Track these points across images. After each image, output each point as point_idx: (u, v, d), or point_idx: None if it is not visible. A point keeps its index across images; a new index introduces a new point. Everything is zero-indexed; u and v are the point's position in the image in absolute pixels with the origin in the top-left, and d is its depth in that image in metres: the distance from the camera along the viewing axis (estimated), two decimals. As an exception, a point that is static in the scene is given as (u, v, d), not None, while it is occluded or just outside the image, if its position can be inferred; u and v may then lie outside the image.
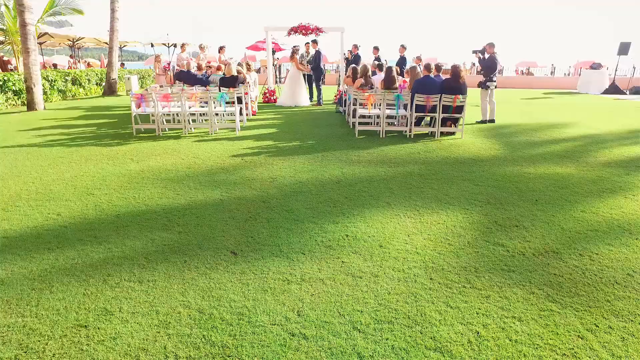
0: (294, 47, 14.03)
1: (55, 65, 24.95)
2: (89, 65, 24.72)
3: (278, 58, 32.43)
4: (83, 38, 21.69)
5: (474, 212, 4.63)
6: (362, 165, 6.52)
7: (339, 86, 16.10)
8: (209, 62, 14.37)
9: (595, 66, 21.60)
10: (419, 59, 13.92)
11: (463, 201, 4.97)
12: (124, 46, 26.89)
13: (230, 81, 9.96)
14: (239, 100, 9.90)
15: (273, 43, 26.37)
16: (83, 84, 17.23)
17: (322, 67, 14.24)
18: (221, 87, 9.91)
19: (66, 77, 16.21)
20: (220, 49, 14.52)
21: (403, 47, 13.61)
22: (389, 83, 9.50)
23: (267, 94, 15.14)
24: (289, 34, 14.60)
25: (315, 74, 14.35)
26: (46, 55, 35.41)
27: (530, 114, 12.79)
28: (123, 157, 7.02)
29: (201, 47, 14.48)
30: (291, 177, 5.88)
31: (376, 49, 14.04)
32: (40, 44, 22.37)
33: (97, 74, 18.18)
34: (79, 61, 25.81)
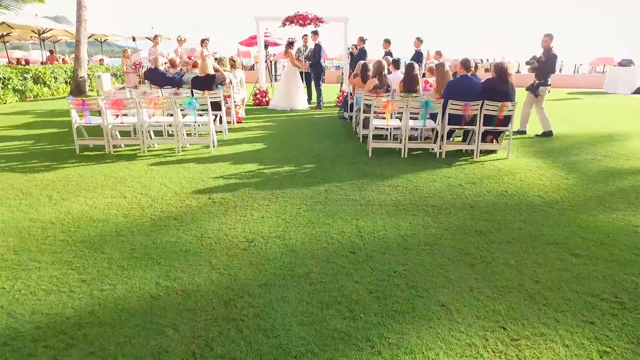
0: (290, 39, 11.87)
1: (27, 62, 22.68)
2: (64, 62, 22.47)
3: (274, 54, 30.14)
4: (51, 30, 19.40)
5: (604, 332, 2.50)
6: (386, 211, 4.38)
7: (341, 86, 13.90)
8: (189, 56, 12.19)
9: (625, 62, 19.47)
10: (439, 54, 11.77)
11: (573, 300, 2.85)
12: (105, 40, 24.64)
13: (205, 82, 7.80)
14: (216, 107, 7.74)
15: (266, 36, 24.20)
16: (48, 82, 15.00)
17: (322, 63, 12.10)
18: (194, 90, 7.76)
19: (25, 75, 13.97)
20: (203, 41, 12.34)
21: (419, 40, 11.45)
22: (410, 84, 7.37)
23: (259, 95, 12.98)
24: (284, 24, 12.42)
25: (314, 71, 12.18)
26: (21, 50, 33.07)
27: (570, 120, 10.65)
28: (40, 193, 4.87)
29: (179, 40, 12.29)
30: (278, 237, 3.74)
31: (387, 42, 11.90)
32: (1, 36, 20.09)
33: (65, 71, 15.94)
34: (58, 58, 23.54)
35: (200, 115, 7.23)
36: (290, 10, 12.66)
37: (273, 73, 23.61)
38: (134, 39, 20.10)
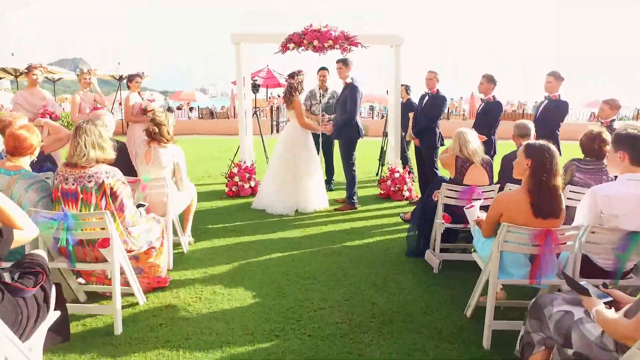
0: (293, 74, 6.06)
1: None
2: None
3: (278, 96, 24.15)
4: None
5: None
6: None
7: (384, 153, 7.97)
8: (94, 108, 6.28)
9: None
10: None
11: None
12: (58, 79, 19.14)
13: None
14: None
15: (267, 76, 18.44)
16: None
17: (358, 121, 6.19)
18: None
19: None
20: (131, 79, 6.54)
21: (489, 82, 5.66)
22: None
23: (237, 178, 7.02)
24: (285, 48, 6.62)
25: (343, 136, 6.26)
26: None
27: None
28: None
29: (83, 76, 6.42)
30: None
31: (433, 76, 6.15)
32: None
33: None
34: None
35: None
36: (296, 23, 6.93)
37: (275, 120, 17.83)
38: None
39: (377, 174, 8.63)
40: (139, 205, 3.46)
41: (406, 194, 6.96)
